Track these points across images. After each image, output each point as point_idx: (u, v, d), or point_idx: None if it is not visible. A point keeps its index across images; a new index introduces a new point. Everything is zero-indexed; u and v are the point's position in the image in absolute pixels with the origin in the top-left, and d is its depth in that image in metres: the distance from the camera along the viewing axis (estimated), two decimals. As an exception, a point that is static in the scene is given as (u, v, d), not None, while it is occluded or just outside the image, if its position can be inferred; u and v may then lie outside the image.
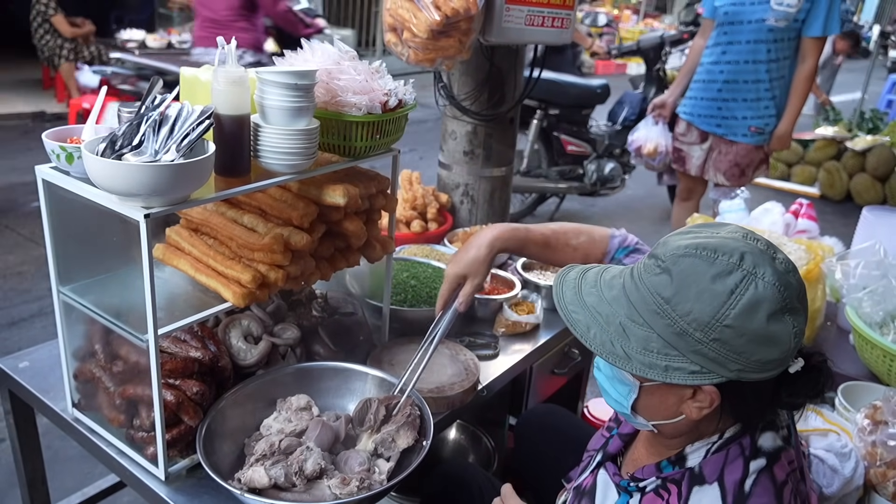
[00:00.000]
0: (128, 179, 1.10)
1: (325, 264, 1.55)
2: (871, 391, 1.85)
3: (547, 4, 2.24)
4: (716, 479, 1.05)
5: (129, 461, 1.40)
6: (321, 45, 1.47)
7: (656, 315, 1.00)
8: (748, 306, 0.95)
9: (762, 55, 3.46)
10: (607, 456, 1.30)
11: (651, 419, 1.11)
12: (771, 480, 1.04)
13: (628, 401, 1.11)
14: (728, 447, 1.08)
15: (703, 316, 0.96)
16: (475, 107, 2.50)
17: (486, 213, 2.67)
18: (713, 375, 0.99)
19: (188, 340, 1.42)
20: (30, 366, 1.67)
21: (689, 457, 1.11)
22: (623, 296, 1.06)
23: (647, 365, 1.01)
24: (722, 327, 0.96)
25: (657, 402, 1.08)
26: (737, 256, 0.98)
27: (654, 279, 1.02)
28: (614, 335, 1.04)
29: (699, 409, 1.05)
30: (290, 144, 1.33)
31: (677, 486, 1.09)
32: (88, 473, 2.55)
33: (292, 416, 1.46)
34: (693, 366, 0.99)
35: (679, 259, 1.00)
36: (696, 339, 0.97)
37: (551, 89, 5.18)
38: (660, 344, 1.01)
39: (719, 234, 1.02)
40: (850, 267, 2.06)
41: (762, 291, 0.96)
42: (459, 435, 2.42)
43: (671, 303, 0.99)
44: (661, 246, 1.05)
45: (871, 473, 1.61)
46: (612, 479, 1.24)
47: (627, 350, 1.03)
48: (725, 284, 0.96)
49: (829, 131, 7.51)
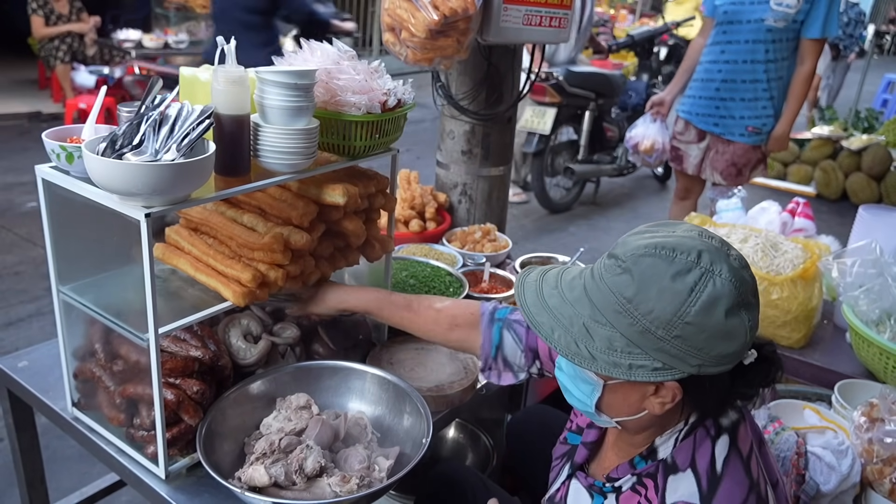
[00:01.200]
0: (128, 179, 1.10)
1: (324, 263, 1.55)
2: (868, 389, 1.86)
3: (545, 4, 2.24)
4: (688, 465, 1.08)
5: (129, 460, 1.41)
6: (321, 45, 1.47)
7: (619, 314, 1.02)
8: (707, 303, 0.98)
9: (760, 55, 3.47)
10: (575, 466, 1.32)
11: (615, 416, 1.14)
12: (738, 456, 1.08)
13: (592, 399, 1.12)
14: (695, 431, 1.11)
15: (665, 314, 0.98)
16: (473, 106, 2.50)
17: (483, 213, 2.68)
18: (675, 371, 1.02)
19: (188, 339, 1.42)
20: (29, 365, 1.67)
21: (659, 449, 1.13)
22: (585, 297, 1.07)
23: (612, 364, 1.03)
24: (683, 324, 0.98)
25: (620, 399, 1.10)
26: (694, 254, 1.00)
27: (615, 279, 1.03)
28: (578, 336, 1.06)
29: (661, 405, 1.07)
30: (289, 144, 1.33)
31: (653, 479, 1.11)
32: (87, 473, 2.55)
33: (292, 414, 1.46)
34: (656, 363, 1.01)
35: (639, 259, 1.02)
36: (658, 337, 0.99)
37: (600, 81, 5.87)
38: (623, 343, 1.02)
39: (676, 233, 1.04)
40: (846, 265, 2.07)
41: (720, 288, 0.98)
42: (458, 433, 2.42)
43: (633, 302, 1.00)
44: (621, 246, 1.07)
45: (868, 470, 1.62)
46: (584, 483, 1.26)
47: (592, 350, 1.04)
48: (685, 282, 0.98)
49: (825, 131, 7.52)
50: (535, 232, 5.65)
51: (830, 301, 2.33)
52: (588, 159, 6.10)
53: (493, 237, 2.48)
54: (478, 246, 2.43)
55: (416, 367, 1.71)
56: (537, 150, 5.69)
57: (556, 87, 5.59)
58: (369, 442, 1.46)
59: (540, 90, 5.60)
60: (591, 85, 5.80)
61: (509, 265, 2.42)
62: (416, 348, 1.79)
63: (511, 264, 2.41)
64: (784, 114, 3.59)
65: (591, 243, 5.42)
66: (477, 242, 2.44)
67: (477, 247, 2.42)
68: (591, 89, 5.81)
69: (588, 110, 5.94)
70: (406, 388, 1.53)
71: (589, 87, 5.79)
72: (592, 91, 5.84)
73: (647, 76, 6.80)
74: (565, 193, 6.18)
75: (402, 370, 1.67)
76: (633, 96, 6.48)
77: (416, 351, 1.78)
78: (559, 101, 5.65)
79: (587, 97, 5.83)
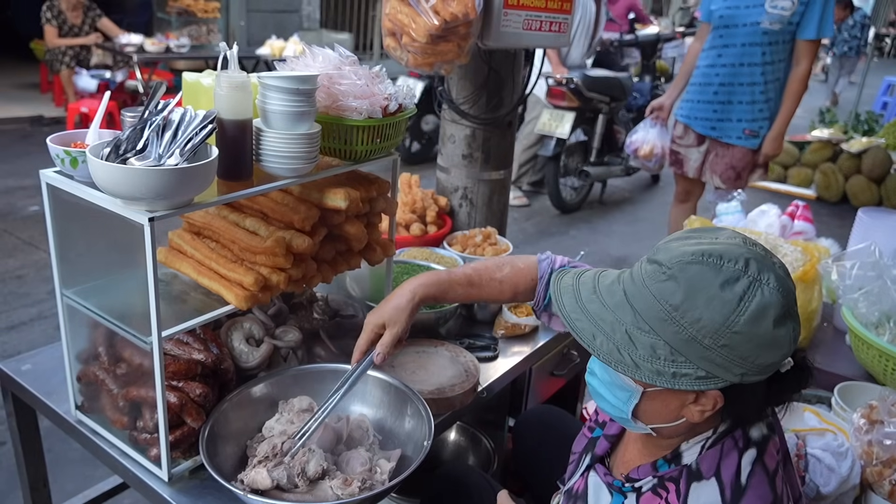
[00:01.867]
0: (132, 183, 1.11)
1: (326, 267, 1.56)
2: (868, 391, 1.87)
3: (545, 9, 2.25)
4: (713, 474, 1.07)
5: (132, 463, 1.42)
6: (322, 51, 1.48)
7: (664, 322, 1.00)
8: (756, 312, 0.97)
9: (757, 58, 3.49)
10: (596, 458, 1.31)
11: (651, 423, 1.12)
12: (764, 471, 1.06)
13: (629, 406, 1.11)
14: (722, 441, 1.09)
15: (714, 323, 0.97)
16: (474, 110, 2.51)
17: (484, 216, 2.69)
18: (718, 380, 1.01)
19: (191, 343, 1.43)
20: (32, 368, 1.68)
21: (684, 454, 1.12)
22: (626, 303, 1.05)
23: (656, 372, 1.02)
24: (731, 333, 0.97)
25: (659, 406, 1.09)
26: (742, 262, 0.99)
27: (660, 286, 1.01)
28: (620, 343, 1.04)
29: (701, 413, 1.06)
30: (291, 148, 1.34)
31: (675, 483, 1.10)
32: (89, 476, 2.56)
33: (294, 417, 1.47)
34: (699, 371, 1.00)
35: (686, 266, 1.00)
36: (704, 346, 0.98)
37: (614, 85, 6.00)
38: (667, 351, 1.01)
39: (720, 240, 1.03)
40: (845, 268, 2.07)
41: (768, 297, 0.97)
42: (459, 436, 2.43)
43: (680, 310, 0.99)
44: (663, 252, 1.05)
45: (868, 472, 1.63)
46: (604, 479, 1.25)
47: (635, 358, 1.03)
48: (734, 291, 0.97)
49: (825, 133, 7.53)
50: (536, 235, 5.66)
51: (830, 303, 2.34)
52: (599, 161, 6.27)
53: (493, 241, 2.49)
54: (478, 249, 2.43)
55: (418, 370, 1.72)
56: (554, 153, 5.78)
57: (574, 92, 5.68)
58: (371, 444, 1.47)
59: (558, 94, 5.71)
60: (606, 89, 5.92)
61: (510, 268, 2.42)
62: (418, 351, 1.80)
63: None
64: (779, 115, 3.60)
65: (591, 246, 5.43)
66: (478, 246, 2.45)
67: (478, 250, 2.43)
68: (605, 93, 5.94)
69: (602, 113, 6.09)
70: (407, 390, 1.53)
71: (604, 91, 5.91)
72: (607, 95, 5.97)
73: (651, 78, 6.91)
74: (575, 194, 6.29)
75: (403, 373, 1.68)
76: (638, 98, 6.62)
77: (417, 354, 1.79)
78: (577, 104, 5.75)
79: (602, 101, 5.95)
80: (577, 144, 6.14)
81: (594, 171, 6.13)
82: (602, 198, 6.66)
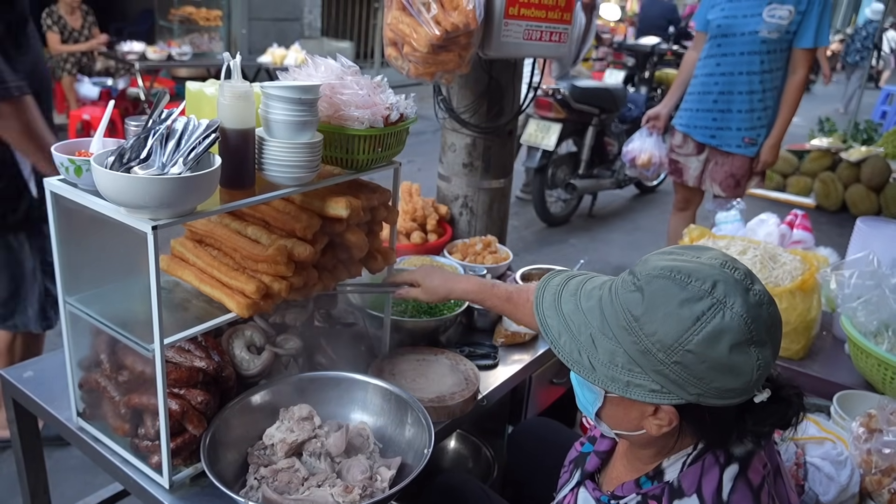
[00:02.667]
0: (136, 192, 1.12)
1: (327, 275, 1.57)
2: (867, 400, 1.87)
3: (545, 19, 2.27)
4: (694, 490, 1.07)
5: (133, 470, 1.42)
6: (325, 61, 1.50)
7: (624, 331, 1.02)
8: (711, 334, 0.97)
9: (756, 66, 3.51)
10: (586, 474, 1.32)
11: (614, 428, 1.15)
12: (748, 486, 1.06)
13: (594, 407, 1.14)
14: (703, 457, 1.09)
15: (667, 338, 0.98)
16: (474, 119, 2.53)
17: (484, 225, 2.70)
18: (672, 396, 1.01)
19: (192, 350, 1.43)
20: (34, 376, 1.68)
21: (666, 471, 1.13)
22: (598, 308, 1.08)
23: (610, 378, 1.04)
24: (684, 351, 0.97)
25: (621, 413, 1.11)
26: (709, 284, 0.99)
27: (627, 296, 1.04)
28: (583, 345, 1.07)
29: (658, 427, 1.07)
30: (293, 158, 1.35)
31: (658, 501, 1.11)
32: (89, 483, 2.56)
33: (294, 425, 1.48)
34: (654, 384, 1.02)
35: (653, 279, 1.02)
36: (658, 360, 0.99)
37: (604, 96, 5.83)
38: (625, 359, 1.03)
39: (699, 259, 1.03)
40: (844, 277, 2.08)
41: (728, 322, 0.97)
42: (459, 444, 2.43)
43: (639, 321, 1.01)
44: (641, 264, 1.07)
45: (867, 481, 1.63)
46: (593, 494, 1.26)
47: (594, 361, 1.05)
48: (693, 310, 0.98)
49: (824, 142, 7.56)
50: (536, 244, 5.67)
51: (829, 312, 2.34)
52: (588, 174, 6.09)
53: (493, 249, 2.50)
54: (479, 258, 2.44)
55: (418, 378, 1.73)
56: (540, 165, 5.65)
57: (561, 103, 5.56)
58: (371, 452, 1.47)
59: (545, 105, 5.57)
60: (595, 100, 5.78)
61: (510, 277, 2.43)
62: (418, 359, 1.81)
63: (512, 276, 2.42)
64: (776, 123, 3.62)
65: (591, 255, 5.43)
66: (478, 254, 2.46)
67: (478, 258, 2.44)
68: (595, 104, 5.78)
69: (591, 125, 5.92)
70: (408, 398, 1.54)
71: (593, 103, 5.77)
72: (596, 106, 5.81)
73: (647, 89, 6.87)
74: (563, 207, 6.16)
75: (403, 381, 1.69)
76: (633, 109, 6.51)
77: (417, 362, 1.80)
78: (564, 116, 5.61)
79: (591, 112, 5.80)
80: (566, 156, 5.98)
81: (582, 183, 5.95)
82: (592, 211, 6.50)
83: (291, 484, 1.36)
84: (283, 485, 1.35)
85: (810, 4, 3.33)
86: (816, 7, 3.33)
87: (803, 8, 3.34)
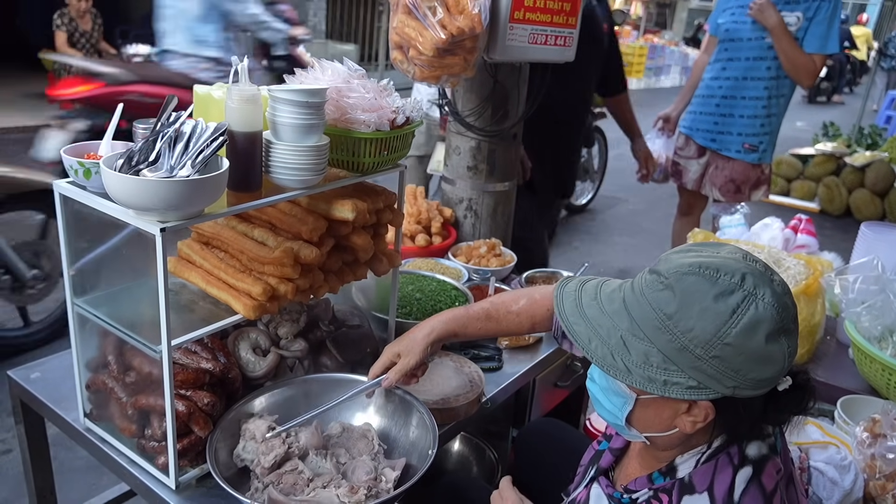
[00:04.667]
0: (145, 194, 1.13)
1: (333, 277, 1.57)
2: (871, 405, 1.87)
3: (550, 23, 2.28)
4: (705, 488, 1.08)
5: (140, 470, 1.43)
6: (331, 64, 1.51)
7: (658, 330, 1.02)
8: (748, 326, 0.98)
9: (762, 72, 3.50)
10: (600, 470, 1.32)
11: (644, 431, 1.14)
12: (760, 490, 1.06)
13: (623, 412, 1.13)
14: (717, 457, 1.10)
15: (705, 334, 0.99)
16: (479, 123, 2.54)
17: (489, 228, 2.71)
18: (710, 391, 1.02)
19: (199, 352, 1.44)
20: (41, 376, 1.69)
21: (679, 467, 1.13)
22: (624, 310, 1.08)
23: (647, 378, 1.04)
24: (722, 345, 0.98)
25: (652, 414, 1.11)
26: (738, 277, 1.00)
27: (656, 295, 1.04)
28: (615, 348, 1.06)
29: (693, 423, 1.07)
30: (300, 160, 1.36)
31: (668, 495, 1.11)
32: (94, 484, 2.57)
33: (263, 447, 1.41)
34: (691, 381, 1.02)
35: (682, 277, 1.02)
36: (696, 356, 1.00)
37: None
38: (660, 359, 1.03)
39: (720, 254, 1.05)
40: (848, 282, 2.08)
41: (762, 312, 0.99)
42: (463, 447, 2.43)
43: (673, 319, 1.01)
44: (664, 262, 1.07)
45: (871, 486, 1.63)
46: (605, 490, 1.26)
47: (628, 363, 1.05)
48: (727, 304, 0.99)
49: (829, 147, 7.56)
50: (540, 246, 5.66)
51: (833, 317, 2.35)
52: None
53: (498, 252, 2.51)
54: (483, 260, 2.45)
55: (422, 380, 1.72)
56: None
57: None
58: (375, 454, 1.48)
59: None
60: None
61: (514, 280, 2.44)
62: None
63: (516, 279, 2.43)
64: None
65: (595, 258, 5.44)
66: (482, 257, 2.47)
67: (482, 261, 2.45)
68: None
69: None
70: (412, 400, 1.55)
71: None
72: None
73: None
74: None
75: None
76: None
77: (422, 364, 1.80)
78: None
79: None
80: None
81: None
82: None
83: (297, 486, 1.36)
84: (288, 486, 1.36)
85: (818, 11, 3.33)
86: (824, 13, 3.32)
87: (811, 14, 3.34)
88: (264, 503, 1.31)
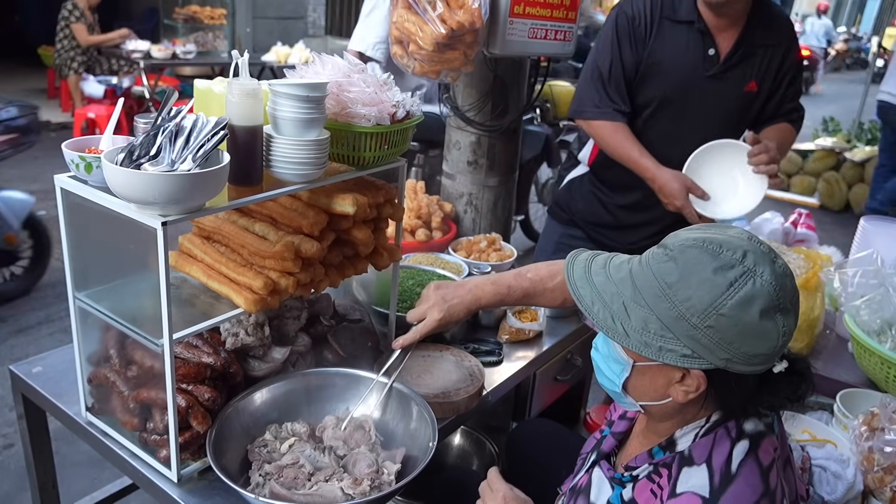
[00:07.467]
0: (146, 188, 1.14)
1: (333, 272, 1.58)
2: (869, 398, 1.88)
3: (550, 18, 2.28)
4: (704, 460, 1.11)
5: (141, 464, 1.43)
6: (332, 59, 1.51)
7: (658, 298, 1.06)
8: (744, 299, 1.01)
9: None
10: (601, 455, 1.35)
11: (639, 399, 1.18)
12: (756, 462, 1.10)
13: (620, 379, 1.17)
14: (715, 430, 1.13)
15: (701, 303, 1.02)
16: (479, 117, 2.54)
17: (489, 222, 2.71)
18: (703, 361, 1.05)
19: (200, 346, 1.45)
20: (43, 371, 1.70)
21: (678, 441, 1.17)
22: (629, 279, 1.12)
23: (644, 343, 1.08)
24: (717, 315, 1.02)
25: (647, 382, 1.15)
26: (740, 253, 1.04)
27: (660, 266, 1.08)
28: (616, 313, 1.10)
29: (685, 393, 1.10)
30: (301, 155, 1.36)
31: (668, 468, 1.14)
32: (96, 478, 2.58)
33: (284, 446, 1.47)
34: (685, 349, 1.05)
35: (686, 249, 1.06)
36: (691, 325, 1.03)
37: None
38: (657, 326, 1.06)
39: (727, 233, 1.09)
40: (847, 276, 2.09)
41: (759, 288, 1.02)
42: (464, 440, 2.44)
43: (673, 288, 1.05)
44: (671, 237, 1.12)
45: (869, 479, 1.64)
46: (607, 474, 1.29)
47: (627, 328, 1.09)
48: (726, 277, 1.02)
49: (828, 142, 7.56)
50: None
51: (832, 311, 2.35)
52: None
53: (498, 247, 2.51)
54: (483, 255, 2.45)
55: (423, 373, 1.74)
56: None
57: None
58: (374, 445, 1.48)
59: None
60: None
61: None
62: (423, 355, 1.82)
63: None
64: None
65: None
66: (482, 252, 2.47)
67: (482, 256, 2.45)
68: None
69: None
70: (412, 394, 1.55)
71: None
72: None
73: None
74: None
75: (408, 377, 1.70)
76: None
77: (422, 358, 1.81)
78: None
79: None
80: None
81: None
82: None
83: (297, 480, 1.37)
84: (289, 480, 1.36)
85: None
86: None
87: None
88: (268, 497, 1.32)
